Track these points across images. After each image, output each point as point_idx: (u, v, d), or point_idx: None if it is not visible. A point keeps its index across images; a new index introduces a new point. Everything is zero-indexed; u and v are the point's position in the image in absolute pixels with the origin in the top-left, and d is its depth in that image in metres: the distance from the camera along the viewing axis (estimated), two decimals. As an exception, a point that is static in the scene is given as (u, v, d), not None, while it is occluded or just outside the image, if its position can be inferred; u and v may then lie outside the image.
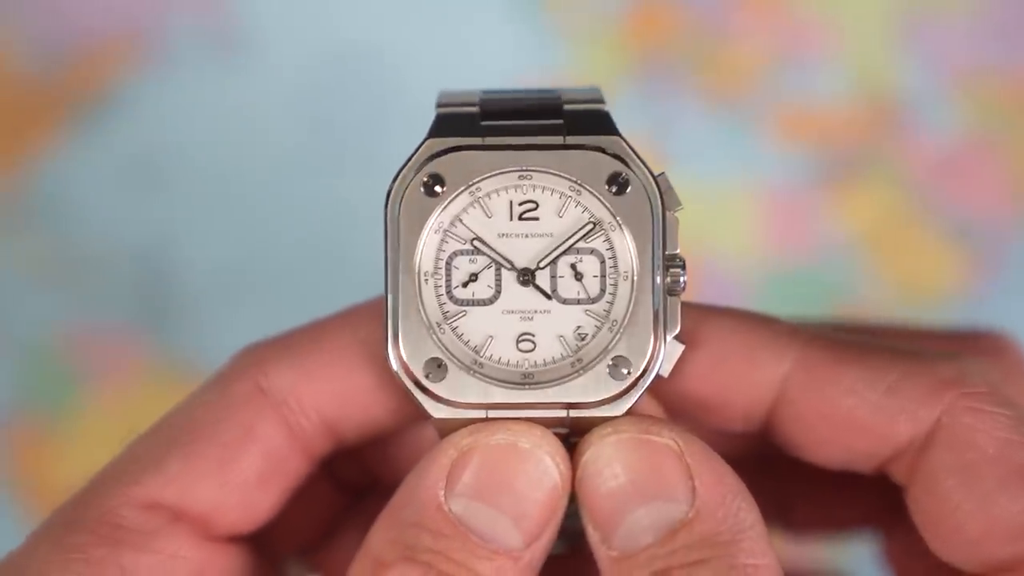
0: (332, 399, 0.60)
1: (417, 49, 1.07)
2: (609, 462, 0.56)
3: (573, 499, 0.57)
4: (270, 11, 1.07)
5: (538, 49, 1.08)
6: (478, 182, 0.57)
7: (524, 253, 0.57)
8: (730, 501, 0.55)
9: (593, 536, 0.56)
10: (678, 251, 0.57)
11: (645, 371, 0.57)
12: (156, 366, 1.05)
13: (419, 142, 0.57)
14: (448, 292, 0.57)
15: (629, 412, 0.57)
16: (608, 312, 0.57)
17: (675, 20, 1.08)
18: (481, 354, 0.57)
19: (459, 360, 0.57)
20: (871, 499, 0.69)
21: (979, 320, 1.06)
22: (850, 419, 0.59)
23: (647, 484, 0.56)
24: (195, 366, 1.04)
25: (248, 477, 0.59)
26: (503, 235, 0.57)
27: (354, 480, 0.68)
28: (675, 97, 1.08)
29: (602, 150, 0.57)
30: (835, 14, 1.09)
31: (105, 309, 1.05)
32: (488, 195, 0.57)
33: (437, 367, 0.57)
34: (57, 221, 1.05)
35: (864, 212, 1.07)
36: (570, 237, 0.57)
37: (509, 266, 0.57)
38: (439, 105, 0.58)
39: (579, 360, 0.57)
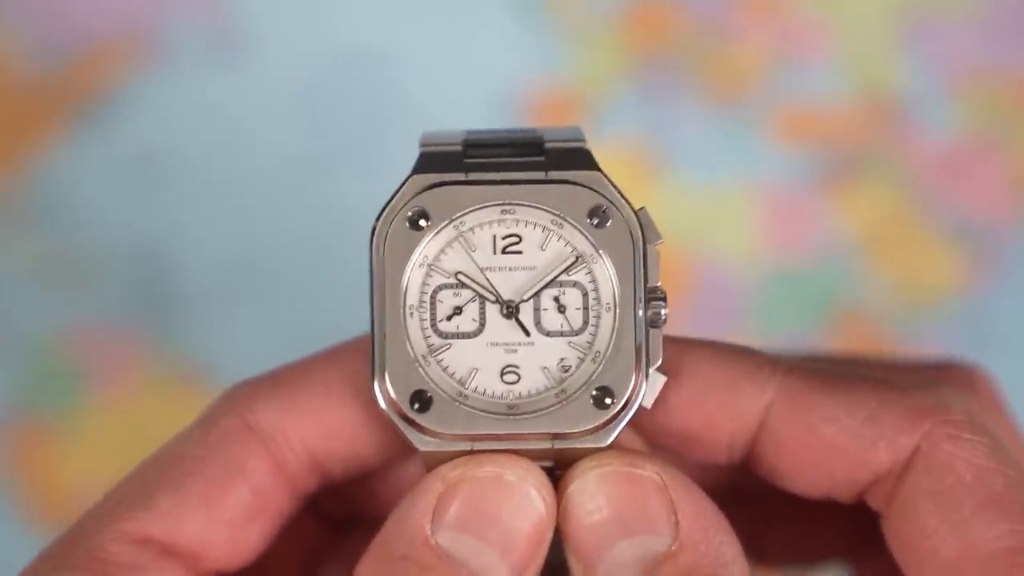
0: (319, 435, 0.60)
1: (417, 49, 1.08)
2: (593, 495, 0.56)
3: (557, 531, 0.57)
4: (270, 11, 1.07)
5: (538, 49, 1.08)
6: (462, 216, 0.57)
7: (508, 286, 0.58)
8: (712, 535, 0.56)
9: (576, 568, 0.56)
10: (659, 284, 0.58)
11: (628, 401, 0.57)
12: (157, 365, 1.05)
13: (402, 179, 0.58)
14: (433, 325, 0.57)
15: (613, 444, 0.57)
16: (591, 344, 0.57)
17: (675, 20, 1.08)
18: (466, 386, 0.57)
19: (444, 392, 0.57)
20: (843, 529, 0.69)
21: (978, 320, 1.06)
22: (831, 446, 0.59)
23: (631, 517, 0.56)
24: (196, 365, 1.05)
25: (237, 512, 0.59)
26: (487, 269, 0.58)
27: (338, 514, 0.68)
28: (675, 97, 1.08)
29: (583, 184, 0.58)
30: (835, 14, 1.08)
31: (106, 309, 1.05)
32: (472, 229, 0.58)
33: (422, 399, 0.57)
34: (58, 221, 1.05)
35: (864, 212, 1.07)
36: (553, 270, 0.58)
37: (493, 299, 0.58)
38: (422, 145, 0.59)
39: (563, 391, 0.57)
